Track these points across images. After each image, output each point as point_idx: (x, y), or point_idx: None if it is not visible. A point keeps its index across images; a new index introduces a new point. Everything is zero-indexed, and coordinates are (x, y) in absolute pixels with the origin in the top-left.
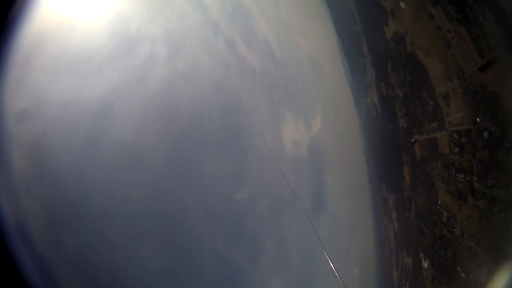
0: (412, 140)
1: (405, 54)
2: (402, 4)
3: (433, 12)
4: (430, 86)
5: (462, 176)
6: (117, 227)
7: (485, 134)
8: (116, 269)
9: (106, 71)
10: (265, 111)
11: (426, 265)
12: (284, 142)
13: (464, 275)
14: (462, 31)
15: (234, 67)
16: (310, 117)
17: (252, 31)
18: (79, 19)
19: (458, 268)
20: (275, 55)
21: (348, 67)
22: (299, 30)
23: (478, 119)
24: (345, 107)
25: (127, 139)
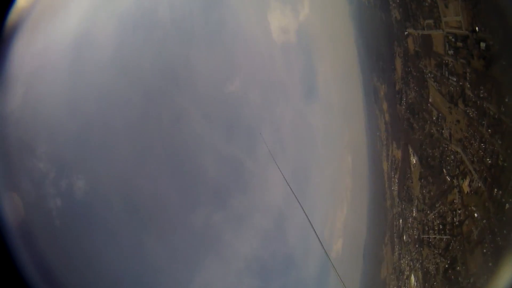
0: (405, 33)
1: None
2: None
3: None
4: None
5: (454, 79)
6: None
7: (482, 45)
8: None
9: None
10: None
11: (414, 161)
12: (272, 29)
13: (449, 179)
14: None
15: None
16: (297, 2)
17: None
18: None
19: (444, 171)
20: None
21: None
22: None
23: (477, 28)
24: None
25: None
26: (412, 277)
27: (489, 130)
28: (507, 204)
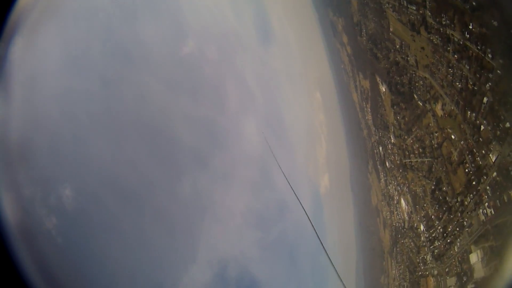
0: None
1: None
2: None
3: None
4: None
5: (414, 8)
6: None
7: None
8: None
9: None
10: None
11: (384, 89)
12: None
13: (421, 104)
14: None
15: None
16: None
17: None
18: None
19: (415, 96)
20: None
21: None
22: None
23: None
24: None
25: None
26: (402, 201)
27: (455, 56)
28: (482, 126)
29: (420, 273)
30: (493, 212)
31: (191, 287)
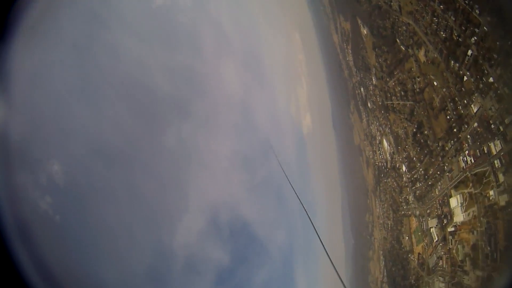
0: None
1: None
2: None
3: None
4: None
5: None
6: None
7: None
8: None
9: None
10: None
11: (365, 32)
12: None
13: (403, 48)
14: None
15: None
16: None
17: None
18: None
19: (398, 40)
20: None
21: None
22: None
23: None
24: None
25: None
26: (384, 142)
27: (441, 6)
28: (465, 77)
29: (403, 212)
30: (473, 161)
31: (187, 236)
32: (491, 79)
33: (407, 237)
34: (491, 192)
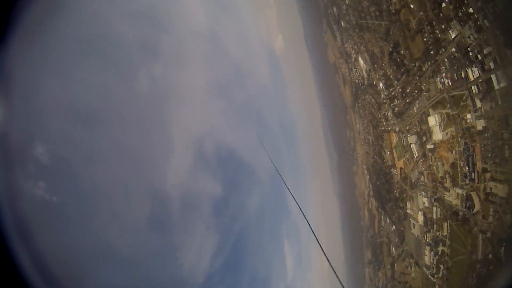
0: None
1: None
2: None
3: None
4: None
5: None
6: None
7: None
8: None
9: None
10: None
11: None
12: None
13: None
14: None
15: None
16: None
17: None
18: None
19: None
20: None
21: None
22: None
23: None
24: None
25: None
26: (360, 59)
27: None
28: (443, 3)
29: (382, 128)
30: (450, 83)
31: (178, 176)
32: (470, 10)
33: (388, 152)
34: (468, 116)
